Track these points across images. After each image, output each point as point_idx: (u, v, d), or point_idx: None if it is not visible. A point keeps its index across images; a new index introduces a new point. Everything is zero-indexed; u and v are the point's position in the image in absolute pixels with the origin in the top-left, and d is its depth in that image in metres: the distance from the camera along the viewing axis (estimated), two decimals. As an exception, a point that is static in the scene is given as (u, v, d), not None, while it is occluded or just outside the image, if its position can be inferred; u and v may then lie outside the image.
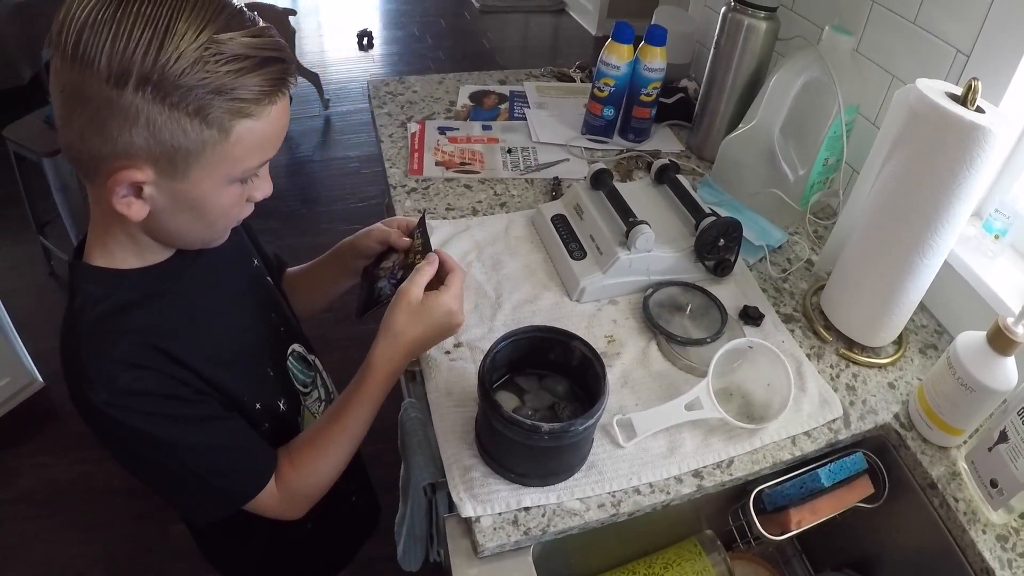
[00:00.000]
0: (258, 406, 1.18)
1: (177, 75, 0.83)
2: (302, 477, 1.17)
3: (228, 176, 0.96)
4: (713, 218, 1.46)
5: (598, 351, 1.14)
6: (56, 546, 2.56)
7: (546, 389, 1.22)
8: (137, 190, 0.91)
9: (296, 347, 1.35)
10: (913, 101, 1.20)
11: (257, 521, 1.20)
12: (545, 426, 1.02)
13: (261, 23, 0.92)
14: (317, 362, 1.44)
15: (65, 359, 1.00)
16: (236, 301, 1.22)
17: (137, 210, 0.93)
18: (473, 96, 2.20)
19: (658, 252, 1.47)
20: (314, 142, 4.83)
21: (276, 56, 0.91)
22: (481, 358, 1.12)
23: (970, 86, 1.15)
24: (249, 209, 1.07)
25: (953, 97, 1.18)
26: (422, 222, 1.29)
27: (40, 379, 3.00)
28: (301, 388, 1.34)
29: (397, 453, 1.50)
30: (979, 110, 1.16)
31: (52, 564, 2.52)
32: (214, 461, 1.09)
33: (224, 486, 1.11)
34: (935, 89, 1.19)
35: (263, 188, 1.05)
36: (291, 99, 1.00)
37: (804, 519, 1.27)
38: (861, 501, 1.32)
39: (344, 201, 4.25)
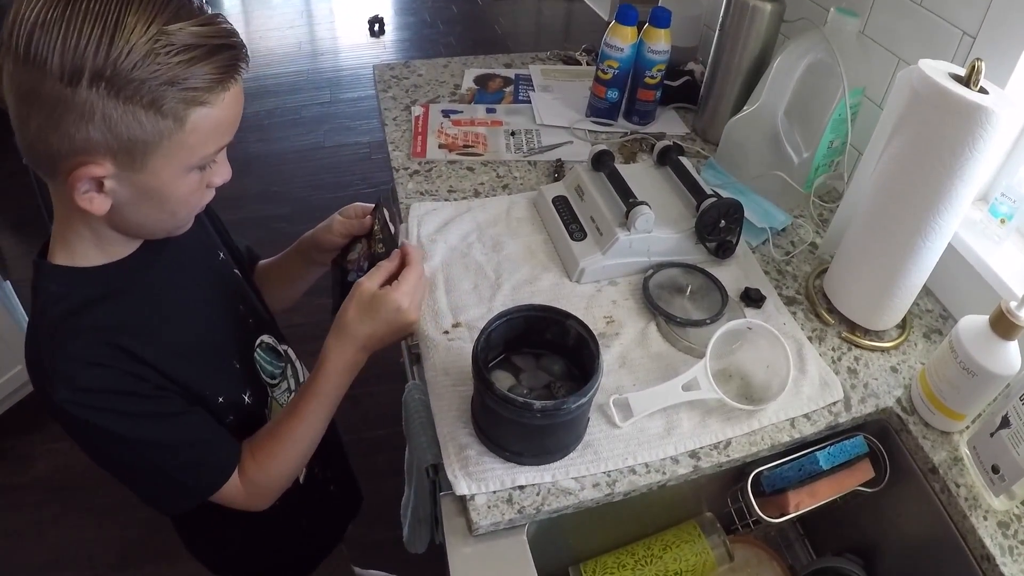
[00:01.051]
0: (221, 400, 1.19)
1: (129, 69, 0.84)
2: (264, 470, 1.19)
3: (186, 164, 0.97)
4: (714, 199, 1.45)
5: (597, 332, 1.14)
6: (70, 530, 2.58)
7: (542, 368, 1.22)
8: (98, 184, 0.93)
9: (265, 338, 1.36)
10: (916, 82, 1.19)
11: (234, 512, 1.22)
12: (537, 404, 1.02)
13: (210, 11, 0.92)
14: (289, 352, 1.44)
15: (28, 358, 1.02)
16: (200, 294, 1.23)
17: (99, 204, 0.94)
18: (478, 79, 2.19)
19: (658, 233, 1.46)
20: (324, 128, 4.82)
21: (226, 43, 0.92)
22: (478, 337, 1.12)
23: (973, 67, 1.13)
24: (210, 195, 1.08)
25: (956, 78, 1.16)
26: (378, 207, 1.29)
27: (53, 367, 3.00)
28: (269, 380, 1.35)
29: (403, 436, 1.50)
30: (983, 91, 1.14)
31: (66, 548, 2.54)
32: (176, 456, 1.10)
33: (187, 480, 1.13)
34: (938, 70, 1.18)
35: (221, 173, 1.06)
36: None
37: (803, 502, 1.26)
38: (862, 485, 1.31)
39: (355, 187, 4.26)
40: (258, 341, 1.34)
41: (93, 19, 0.83)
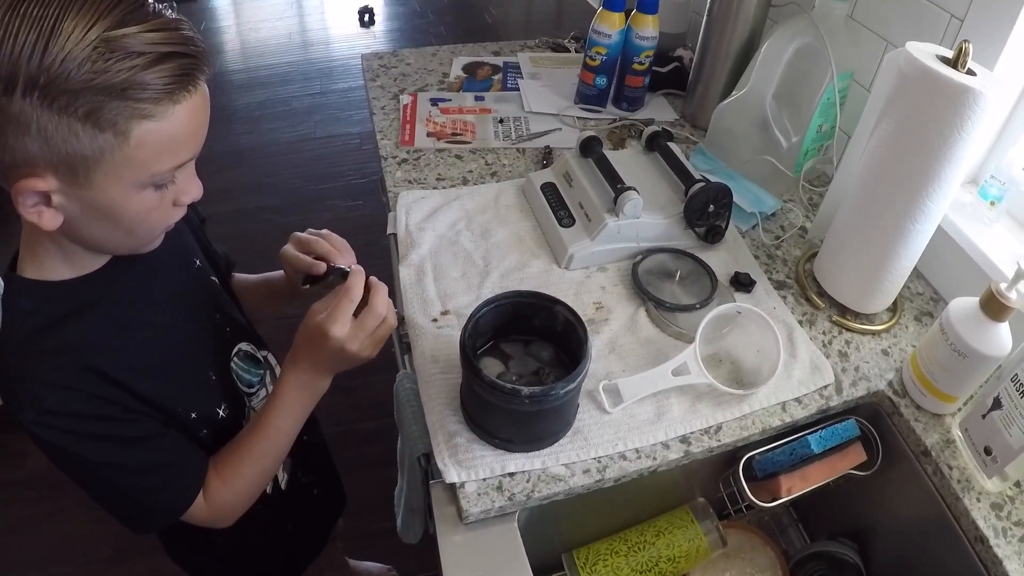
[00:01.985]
0: (194, 415, 1.17)
1: (64, 77, 0.79)
2: (228, 488, 1.17)
3: (137, 182, 0.90)
4: (703, 184, 1.44)
5: (586, 318, 1.14)
6: (64, 526, 2.57)
7: (531, 355, 1.21)
8: (46, 198, 0.88)
9: (243, 346, 1.33)
10: (903, 64, 1.19)
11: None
12: (525, 390, 1.02)
13: (170, 15, 0.86)
14: (270, 358, 1.42)
15: None
16: (173, 306, 1.18)
17: (49, 219, 0.89)
18: (466, 68, 2.18)
19: (647, 218, 1.45)
20: (315, 119, 4.81)
21: (178, 51, 0.85)
22: (466, 324, 1.12)
23: (961, 48, 1.13)
24: (178, 213, 1.02)
25: (944, 60, 1.16)
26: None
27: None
28: (246, 389, 1.33)
29: (396, 427, 1.50)
30: (970, 73, 1.14)
31: (60, 544, 2.54)
32: (141, 480, 1.08)
33: (152, 504, 1.11)
34: (926, 52, 1.18)
35: (189, 192, 0.99)
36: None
37: (795, 486, 1.26)
38: (854, 469, 1.31)
39: (346, 177, 4.24)
40: (235, 350, 1.31)
41: (30, 24, 0.77)
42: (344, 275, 1.12)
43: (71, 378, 0.98)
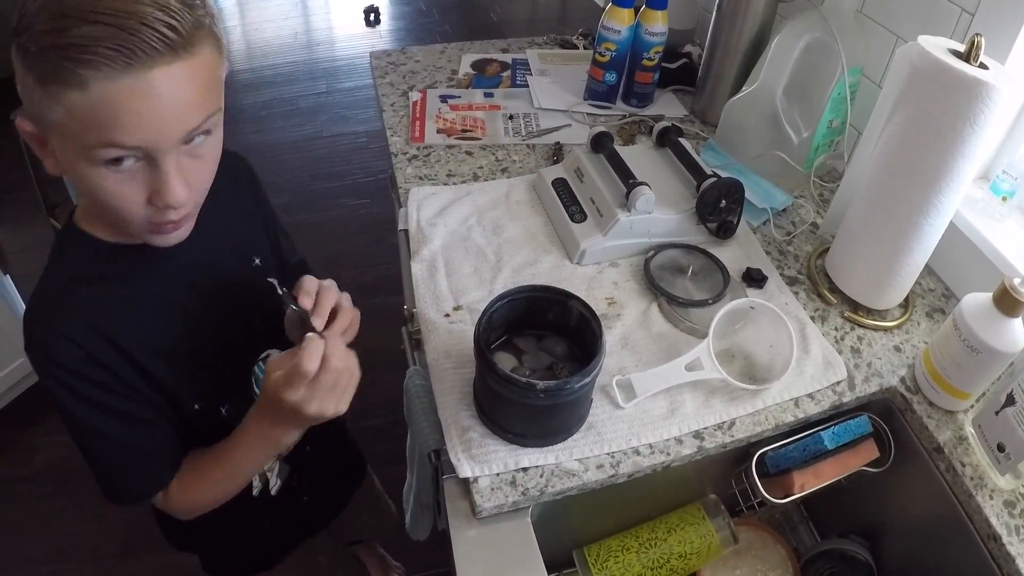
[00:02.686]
0: (196, 407, 1.17)
1: (27, 25, 0.80)
2: (186, 499, 1.18)
3: (81, 154, 0.86)
4: (714, 179, 1.44)
5: (598, 313, 1.13)
6: (73, 522, 2.57)
7: (544, 350, 1.21)
8: (40, 141, 0.90)
9: (273, 352, 1.32)
10: (915, 58, 1.18)
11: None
12: (540, 384, 1.01)
13: None
14: None
15: (27, 304, 1.02)
16: (210, 297, 1.17)
17: (50, 163, 0.92)
18: (475, 65, 2.18)
19: (659, 214, 1.45)
20: (322, 119, 4.81)
21: (125, 24, 0.80)
22: (479, 320, 1.12)
23: (973, 42, 1.12)
24: (162, 215, 0.95)
25: (956, 54, 1.15)
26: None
27: (54, 359, 3.00)
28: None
29: (406, 425, 1.50)
30: (982, 66, 1.13)
31: (69, 540, 2.55)
32: (116, 454, 1.10)
33: (122, 480, 1.13)
34: (938, 46, 1.17)
35: (162, 192, 0.91)
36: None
37: (807, 482, 1.26)
38: (866, 465, 1.31)
39: (353, 176, 4.24)
40: (264, 354, 1.30)
41: None
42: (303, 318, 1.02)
43: (80, 337, 0.99)
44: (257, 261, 1.28)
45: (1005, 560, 1.09)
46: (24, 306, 2.72)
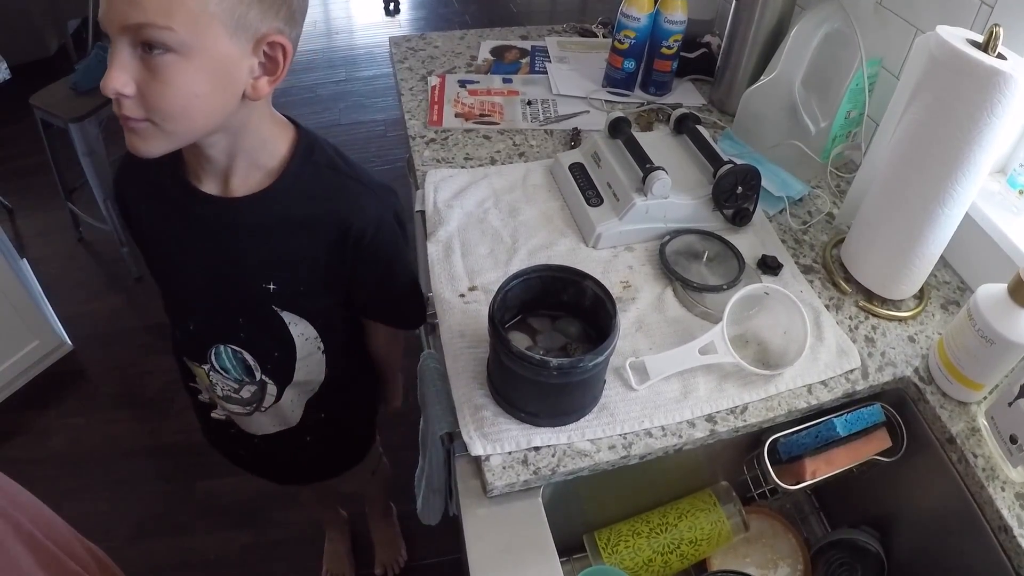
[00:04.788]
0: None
1: None
2: None
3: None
4: (731, 165, 1.44)
5: (612, 295, 1.13)
6: (85, 504, 2.59)
7: (558, 330, 1.21)
8: None
9: (237, 350, 1.34)
10: (933, 47, 1.18)
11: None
12: (554, 361, 1.02)
13: None
14: (268, 382, 1.40)
15: None
16: (210, 258, 1.24)
17: None
18: (494, 51, 2.18)
19: (675, 199, 1.45)
20: (340, 106, 4.81)
21: None
22: (495, 300, 1.12)
23: (991, 32, 1.12)
24: (107, 97, 0.96)
25: (974, 44, 1.15)
26: None
27: (69, 342, 3.05)
28: (222, 372, 1.37)
29: (418, 411, 1.50)
30: (1001, 57, 1.13)
31: (81, 522, 2.52)
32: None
33: None
34: (956, 36, 1.17)
35: (105, 74, 0.94)
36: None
37: (819, 469, 1.26)
38: (878, 455, 1.30)
39: (370, 164, 4.24)
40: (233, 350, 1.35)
41: None
42: None
43: (116, 191, 1.26)
44: (272, 287, 1.24)
45: (1016, 552, 1.09)
46: (42, 292, 2.77)
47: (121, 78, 0.93)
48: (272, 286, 1.23)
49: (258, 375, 1.36)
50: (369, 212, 1.22)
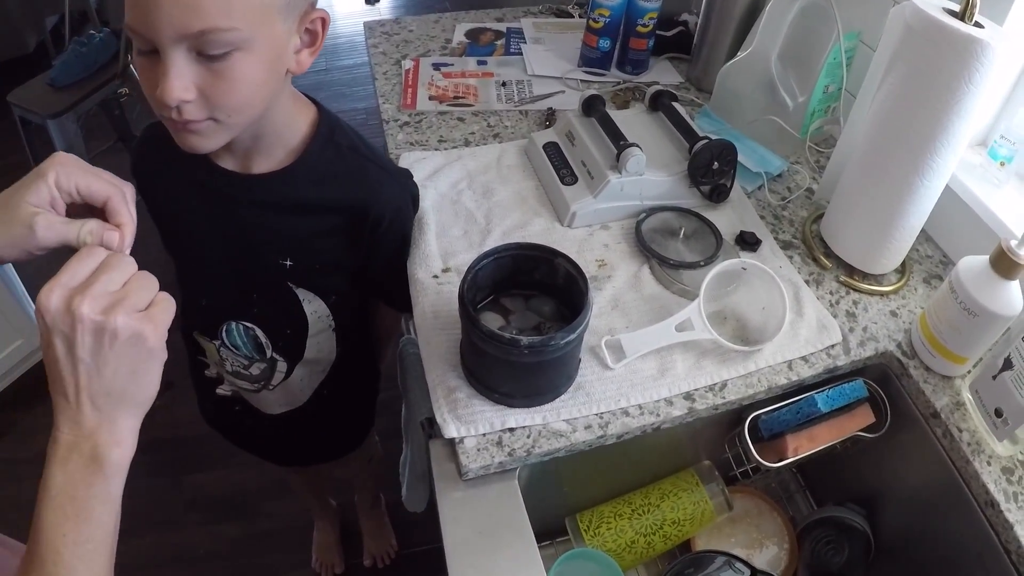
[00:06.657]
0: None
1: None
2: None
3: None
4: (706, 140, 1.42)
5: (589, 275, 1.12)
6: (73, 504, 2.56)
7: (532, 310, 1.20)
8: None
9: (259, 331, 1.37)
10: (909, 16, 1.16)
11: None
12: (525, 339, 1.00)
13: None
14: (284, 367, 1.43)
15: None
16: (226, 232, 1.25)
17: None
18: (469, 33, 2.16)
19: (651, 176, 1.43)
20: (321, 96, 4.77)
21: None
22: (468, 280, 1.11)
23: (968, 0, 1.10)
24: (162, 110, 0.96)
25: (951, 13, 1.13)
26: None
27: (53, 341, 3.00)
28: (228, 345, 1.39)
29: (401, 400, 1.49)
30: (978, 25, 1.11)
31: (70, 521, 2.54)
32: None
33: None
34: (932, 4, 1.15)
35: (160, 88, 0.92)
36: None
37: (802, 446, 1.24)
38: (862, 431, 1.29)
39: (351, 152, 4.23)
40: (246, 327, 1.36)
41: None
42: None
43: (133, 167, 1.28)
44: (289, 263, 1.28)
45: (1003, 527, 1.08)
46: (25, 290, 2.75)
47: (182, 86, 0.93)
48: (289, 262, 1.27)
49: (269, 352, 1.39)
50: (389, 199, 1.28)
